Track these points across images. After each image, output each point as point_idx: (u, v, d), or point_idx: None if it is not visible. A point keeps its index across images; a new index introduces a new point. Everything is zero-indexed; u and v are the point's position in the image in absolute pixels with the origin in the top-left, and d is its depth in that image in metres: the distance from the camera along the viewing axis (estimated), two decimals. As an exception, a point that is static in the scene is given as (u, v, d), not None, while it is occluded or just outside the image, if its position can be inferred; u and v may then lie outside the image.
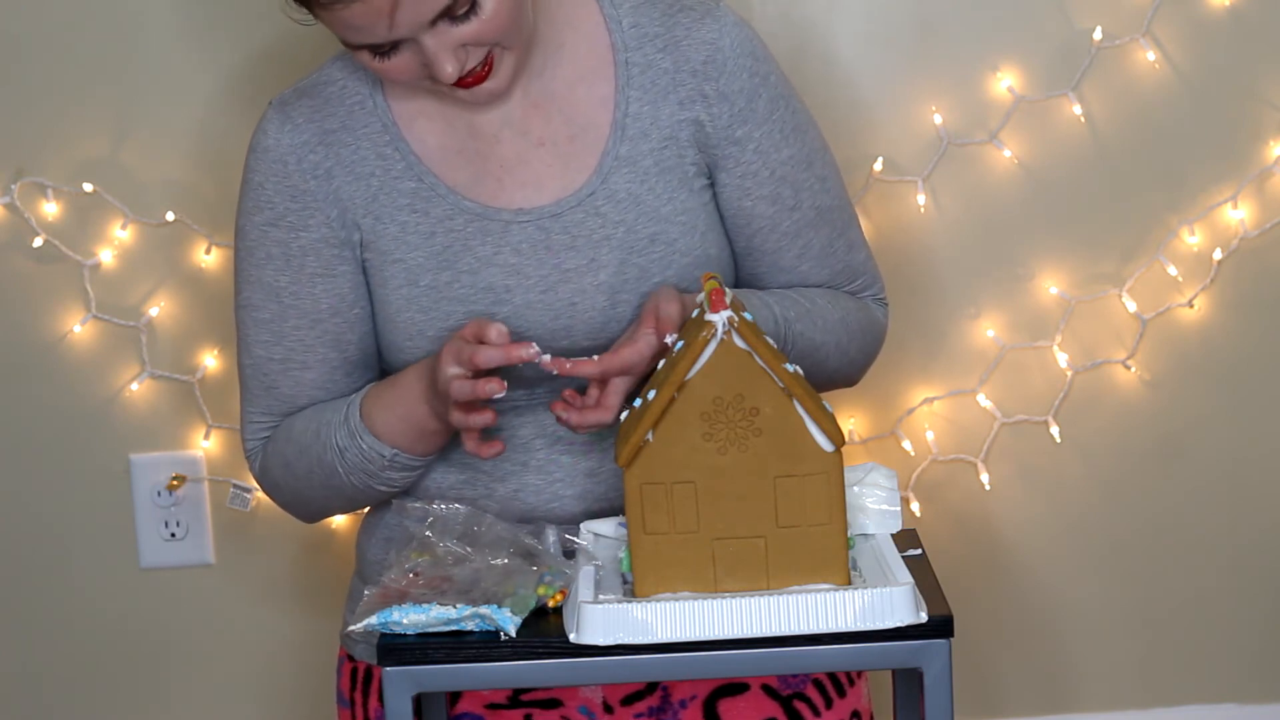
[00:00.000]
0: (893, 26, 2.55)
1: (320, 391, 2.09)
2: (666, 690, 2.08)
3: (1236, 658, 2.66)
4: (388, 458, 2.03)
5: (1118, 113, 2.56)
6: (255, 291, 2.08)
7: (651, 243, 2.05)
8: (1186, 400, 2.62)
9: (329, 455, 2.04)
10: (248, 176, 2.08)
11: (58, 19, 2.54)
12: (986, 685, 2.67)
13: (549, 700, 2.07)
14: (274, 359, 2.08)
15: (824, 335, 2.09)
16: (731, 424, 1.76)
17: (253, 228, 2.07)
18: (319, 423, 2.05)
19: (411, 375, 2.02)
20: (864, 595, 1.73)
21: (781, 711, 2.08)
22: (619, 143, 2.05)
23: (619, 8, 2.07)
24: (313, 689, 2.66)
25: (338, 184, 2.05)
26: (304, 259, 2.06)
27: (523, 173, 2.06)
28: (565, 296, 2.04)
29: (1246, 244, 2.58)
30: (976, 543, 2.64)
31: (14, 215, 2.56)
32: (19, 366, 2.60)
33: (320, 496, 2.09)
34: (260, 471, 2.13)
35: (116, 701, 2.67)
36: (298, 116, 2.06)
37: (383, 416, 2.02)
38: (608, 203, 2.05)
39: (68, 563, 2.64)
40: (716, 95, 2.05)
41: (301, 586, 2.65)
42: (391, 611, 1.78)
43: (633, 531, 1.78)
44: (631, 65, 2.06)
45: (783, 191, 2.09)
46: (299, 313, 2.07)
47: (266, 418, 2.11)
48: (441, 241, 2.04)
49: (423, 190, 2.05)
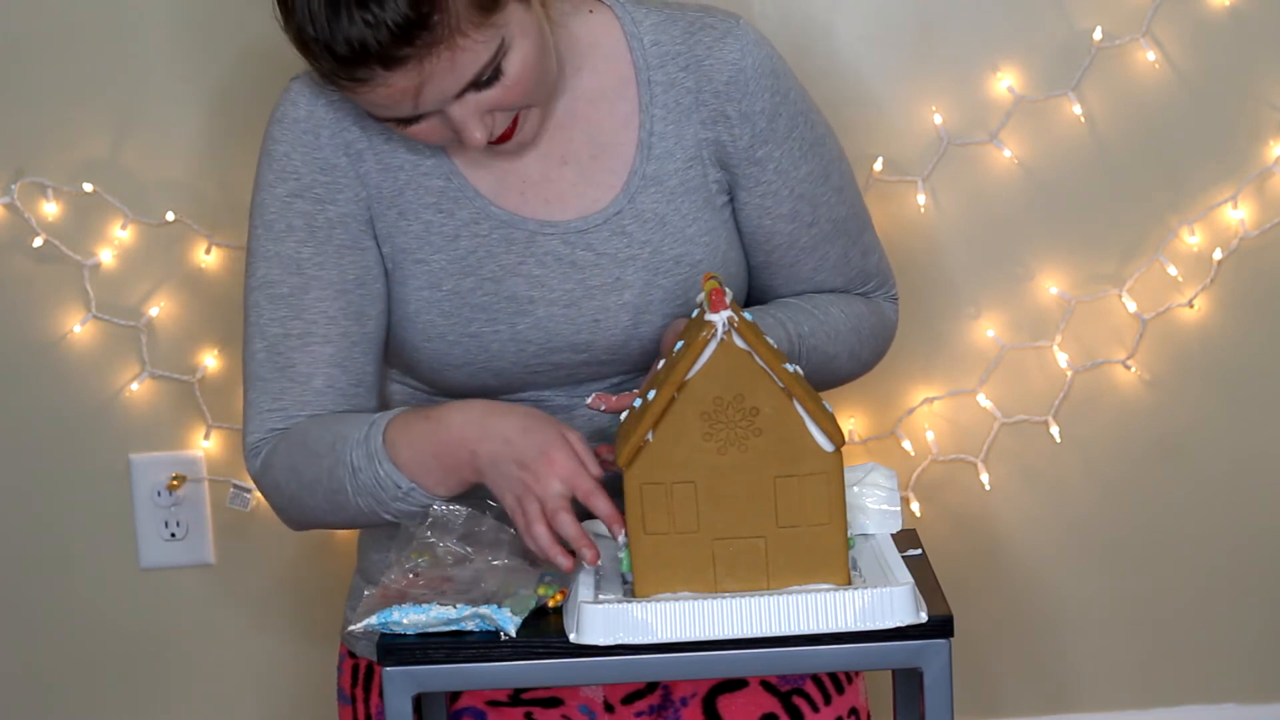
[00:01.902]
0: (893, 26, 2.55)
1: (338, 370, 2.02)
2: (666, 689, 2.09)
3: (1236, 658, 2.66)
4: (404, 490, 1.93)
5: (1118, 113, 2.56)
6: (273, 267, 2.02)
7: (677, 264, 2.05)
8: (1186, 400, 2.62)
9: (340, 470, 1.95)
10: (270, 148, 2.04)
11: (58, 19, 2.54)
12: (986, 685, 2.67)
13: (550, 699, 2.08)
14: (292, 334, 2.02)
15: (838, 346, 2.10)
16: (731, 424, 1.76)
17: (273, 200, 2.03)
18: (335, 435, 1.97)
19: (459, 418, 1.92)
20: (864, 595, 1.73)
21: (780, 707, 2.08)
22: (645, 162, 2.05)
23: (639, 25, 2.06)
24: (313, 689, 2.66)
25: (367, 168, 2.04)
26: (331, 230, 2.02)
27: (545, 189, 2.05)
28: (588, 313, 2.04)
29: (1246, 244, 2.58)
30: (976, 543, 2.64)
31: (14, 215, 2.56)
32: (19, 366, 2.60)
33: (321, 508, 2.00)
34: (262, 468, 2.03)
35: (116, 701, 2.67)
36: (331, 94, 2.03)
37: (410, 450, 1.92)
38: (634, 222, 2.05)
39: (68, 563, 2.64)
40: (739, 116, 2.05)
41: (301, 586, 2.65)
42: (391, 611, 1.78)
43: (633, 531, 1.78)
44: (654, 84, 2.05)
45: (801, 209, 2.09)
46: (322, 284, 2.02)
47: (276, 405, 2.02)
48: (465, 245, 2.04)
49: (450, 190, 2.04)
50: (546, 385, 2.06)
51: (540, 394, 2.08)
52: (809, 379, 2.09)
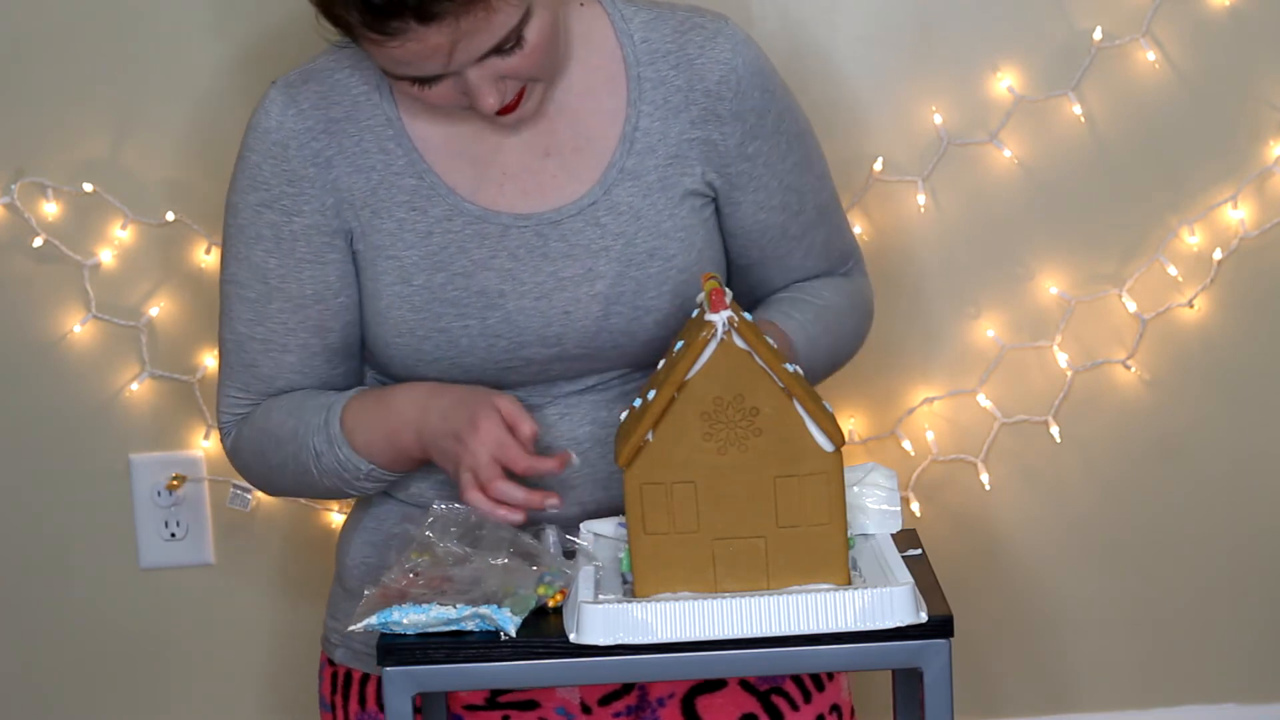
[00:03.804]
0: (893, 26, 2.55)
1: (299, 376, 2.09)
2: (643, 689, 2.08)
3: (1236, 658, 2.66)
4: (364, 471, 2.04)
5: (1118, 113, 2.56)
6: (242, 269, 2.07)
7: (650, 257, 2.05)
8: (1186, 400, 2.62)
9: (304, 455, 2.05)
10: (244, 154, 2.07)
11: (58, 19, 2.54)
12: (986, 685, 2.67)
13: (527, 701, 2.07)
14: (255, 338, 2.08)
15: (842, 341, 2.15)
16: (731, 424, 1.76)
17: (245, 206, 2.06)
18: (297, 420, 2.05)
19: (404, 400, 2.02)
20: (864, 595, 1.73)
21: (759, 706, 2.08)
22: (626, 156, 2.05)
23: (630, 22, 2.07)
24: (312, 688, 2.65)
25: (337, 173, 2.05)
26: (294, 243, 2.05)
27: (525, 180, 2.06)
28: (559, 305, 2.04)
29: (1246, 244, 2.58)
30: (976, 543, 2.64)
31: (14, 215, 2.56)
32: (19, 366, 2.60)
33: (291, 486, 2.11)
34: (232, 449, 2.13)
35: (116, 701, 2.67)
36: (303, 101, 2.05)
37: (365, 434, 2.03)
38: (608, 214, 2.05)
39: (68, 563, 2.64)
40: (730, 115, 2.06)
41: (301, 587, 2.65)
42: (391, 611, 1.78)
43: (633, 531, 1.78)
44: (644, 80, 2.06)
45: (789, 199, 2.11)
46: (284, 296, 2.06)
47: (244, 395, 2.10)
48: (438, 242, 2.04)
49: (423, 188, 2.05)
50: (519, 384, 2.06)
51: (515, 394, 2.07)
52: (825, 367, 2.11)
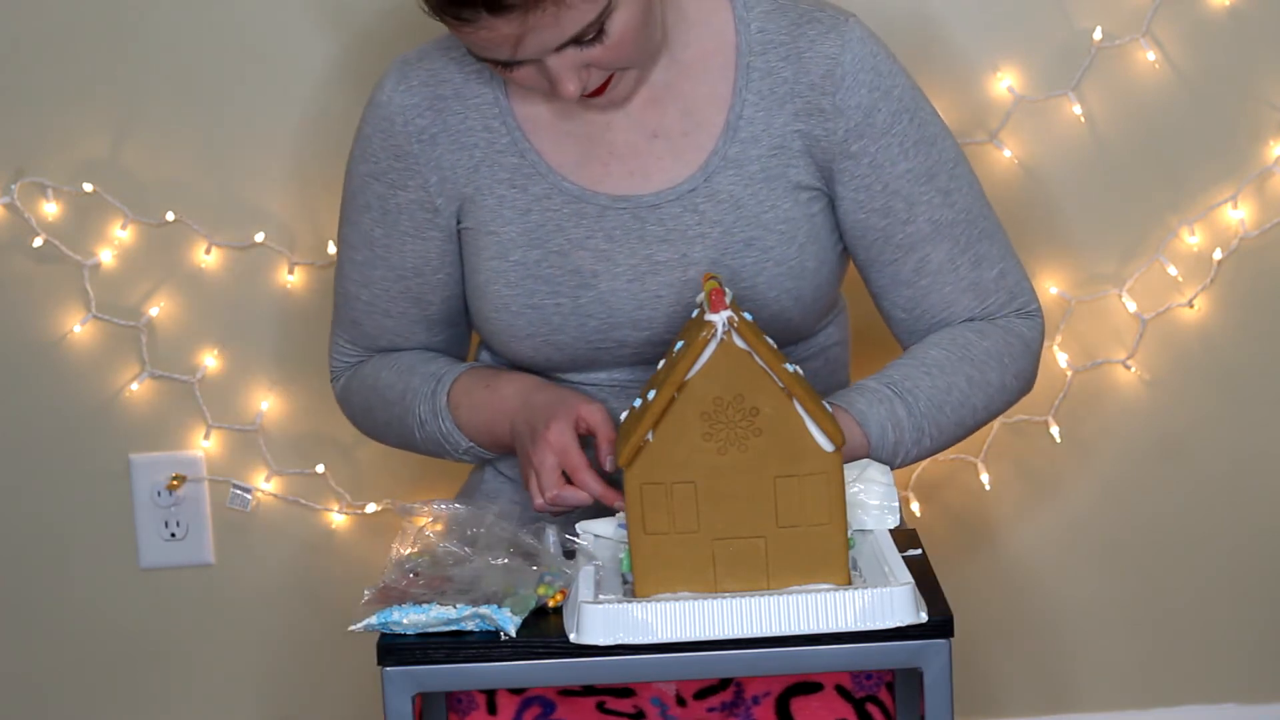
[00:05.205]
0: (893, 26, 2.55)
1: (400, 339, 2.17)
2: (740, 686, 2.07)
3: (1236, 658, 2.66)
4: (464, 447, 2.12)
5: (1118, 113, 2.56)
6: (353, 232, 2.15)
7: (747, 247, 2.05)
8: (1186, 400, 2.62)
9: (410, 419, 2.13)
10: (360, 126, 2.13)
11: (58, 19, 2.54)
12: (986, 685, 2.67)
13: (623, 689, 2.07)
14: (360, 299, 2.16)
15: (967, 414, 2.07)
16: (731, 424, 1.76)
17: (357, 175, 2.13)
18: (405, 385, 2.13)
19: (510, 389, 2.08)
20: (864, 595, 1.73)
21: (854, 713, 2.06)
22: (729, 143, 2.06)
23: (750, 10, 2.08)
24: (312, 689, 2.66)
25: (441, 150, 2.09)
26: (398, 216, 2.11)
27: (631, 161, 2.07)
28: (652, 288, 2.06)
29: (1246, 244, 2.58)
30: (976, 543, 2.64)
31: (14, 215, 2.56)
32: (19, 366, 2.60)
33: (394, 442, 2.20)
34: (341, 397, 2.23)
35: (116, 701, 2.67)
36: (414, 78, 2.09)
37: (469, 414, 2.10)
38: (707, 201, 2.06)
39: (68, 563, 2.64)
40: (833, 110, 2.06)
41: (301, 586, 2.65)
42: (391, 611, 1.78)
43: (633, 531, 1.78)
44: (752, 69, 2.06)
45: (895, 204, 2.08)
46: (387, 265, 2.13)
47: (352, 347, 2.20)
48: (535, 219, 2.07)
49: (524, 166, 2.08)
50: (613, 365, 2.09)
51: (611, 374, 2.11)
52: (954, 427, 2.06)
